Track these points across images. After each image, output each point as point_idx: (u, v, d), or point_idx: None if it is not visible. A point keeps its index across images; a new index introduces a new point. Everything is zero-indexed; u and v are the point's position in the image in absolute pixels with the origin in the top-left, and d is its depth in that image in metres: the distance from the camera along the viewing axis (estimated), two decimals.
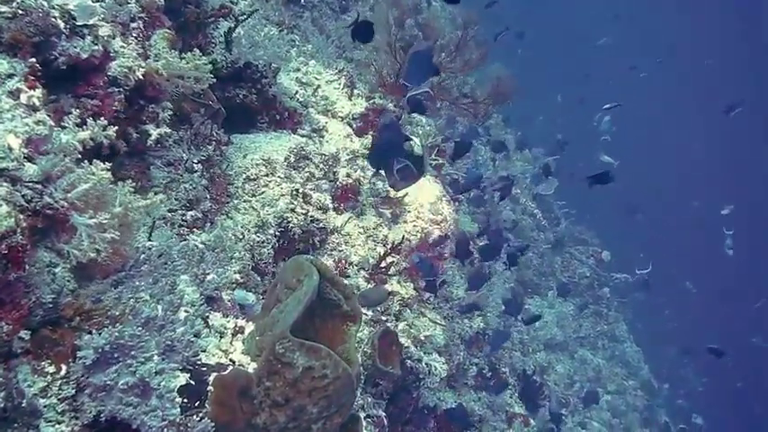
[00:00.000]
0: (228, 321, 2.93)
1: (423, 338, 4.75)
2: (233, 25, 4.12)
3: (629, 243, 20.01)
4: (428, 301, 5.49)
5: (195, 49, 3.39)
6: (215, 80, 3.92)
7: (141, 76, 3.03)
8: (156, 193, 3.38)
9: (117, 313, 2.42)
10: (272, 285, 2.97)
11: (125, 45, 3.00)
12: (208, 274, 3.06)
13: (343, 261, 4.38)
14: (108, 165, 2.53)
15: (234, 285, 3.58)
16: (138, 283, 2.63)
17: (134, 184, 2.47)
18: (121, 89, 2.95)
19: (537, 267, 12.25)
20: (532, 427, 7.35)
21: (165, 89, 3.25)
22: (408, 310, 4.89)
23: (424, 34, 7.91)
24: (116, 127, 2.56)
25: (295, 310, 2.61)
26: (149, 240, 2.92)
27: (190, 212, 3.53)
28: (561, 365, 11.85)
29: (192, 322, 2.64)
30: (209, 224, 3.65)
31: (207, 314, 2.87)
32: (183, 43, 4.02)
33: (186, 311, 2.72)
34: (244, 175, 4.11)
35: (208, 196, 3.70)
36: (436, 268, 4.91)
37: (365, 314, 4.24)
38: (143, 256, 2.73)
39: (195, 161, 3.65)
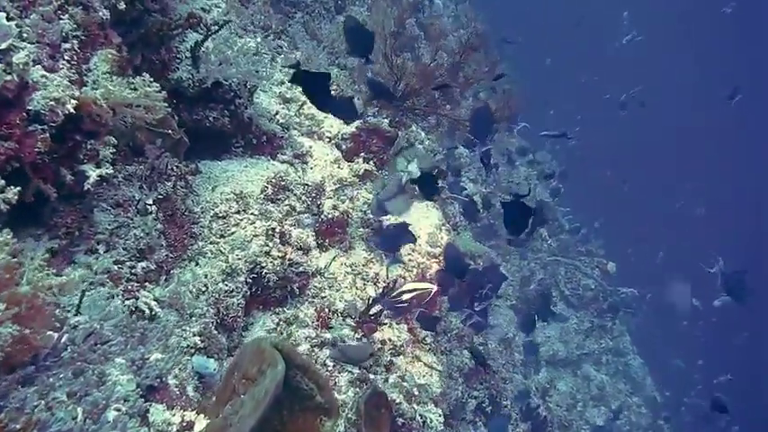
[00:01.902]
0: (174, 415, 2.38)
1: (416, 392, 4.20)
2: (201, 38, 3.56)
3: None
4: (424, 341, 4.95)
5: (145, 74, 2.83)
6: (172, 106, 3.41)
7: (73, 109, 2.48)
8: (98, 242, 2.87)
9: (18, 428, 1.88)
10: (228, 370, 2.42)
11: (52, 72, 2.45)
12: (152, 352, 2.50)
13: (327, 310, 3.82)
14: (8, 235, 1.99)
15: (192, 351, 3.03)
16: (53, 380, 2.08)
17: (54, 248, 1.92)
18: (46, 126, 2.40)
19: (541, 283, 11.73)
20: None
21: (107, 122, 2.69)
22: (401, 357, 4.34)
23: (426, 34, 7.35)
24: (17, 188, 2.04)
25: (252, 416, 2.06)
26: (78, 314, 2.37)
27: (140, 264, 2.98)
28: (563, 383, 11.36)
29: (123, 425, 2.10)
30: (164, 277, 3.10)
31: (146, 409, 2.32)
32: (143, 60, 3.47)
33: (117, 410, 2.18)
34: (212, 212, 3.55)
35: (164, 243, 3.14)
36: (434, 317, 4.37)
37: (350, 372, 3.69)
38: (64, 340, 2.18)
39: (149, 201, 3.09)
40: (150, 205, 3.10)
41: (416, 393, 4.19)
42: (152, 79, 2.84)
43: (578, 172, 14.34)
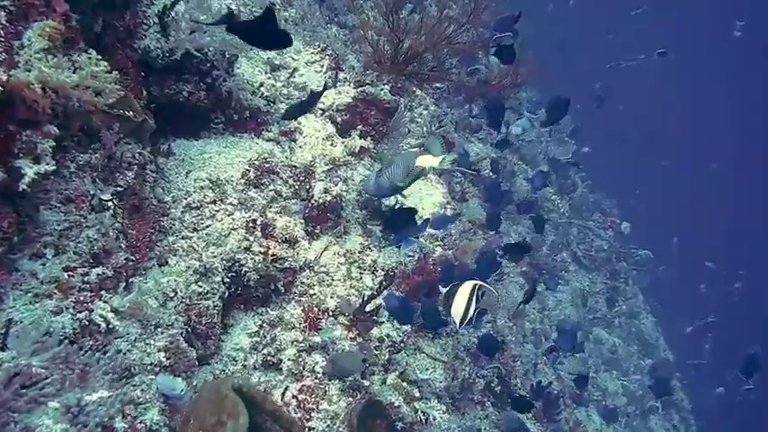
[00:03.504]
0: None
1: (416, 393, 3.83)
2: (170, 2, 3.09)
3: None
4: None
5: (91, 51, 2.38)
6: (140, 78, 2.97)
7: (1, 95, 2.05)
8: (45, 246, 2.47)
9: None
10: (183, 419, 2.03)
11: None
12: (96, 390, 2.11)
13: (316, 309, 3.42)
14: None
15: (156, 369, 2.65)
16: None
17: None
18: None
19: (552, 245, 11.30)
20: None
21: (46, 109, 2.26)
22: (402, 352, 3.97)
23: None
24: None
25: None
26: (2, 349, 1.97)
27: (95, 270, 2.58)
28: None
29: None
30: (123, 284, 2.70)
31: None
32: (105, 26, 3.01)
33: None
34: (184, 202, 3.13)
35: (123, 244, 2.73)
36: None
37: (336, 383, 3.31)
38: None
39: (106, 196, 2.68)
40: (107, 200, 2.69)
41: (417, 395, 3.82)
42: (99, 57, 2.39)
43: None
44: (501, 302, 7.44)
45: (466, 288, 3.04)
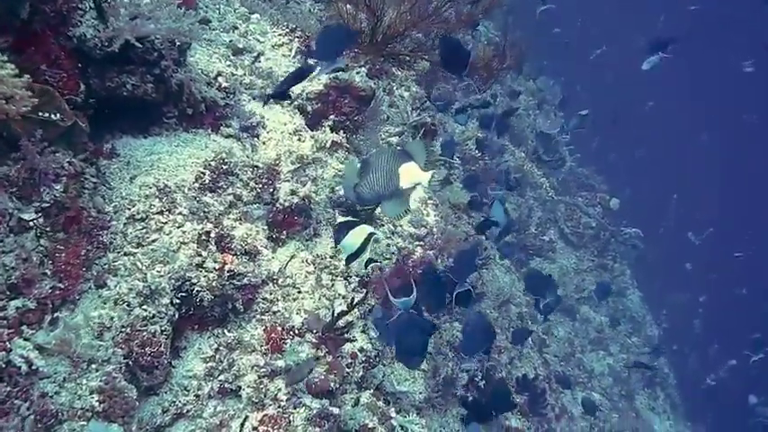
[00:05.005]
0: None
1: (392, 413, 3.51)
2: None
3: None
4: None
5: None
6: (78, 70, 2.58)
7: None
8: None
9: None
10: None
11: None
12: None
13: (279, 329, 3.06)
14: None
15: (89, 414, 2.31)
16: None
17: None
18: None
19: (539, 224, 11.02)
20: None
21: None
22: (376, 368, 3.65)
23: None
24: None
25: None
26: None
27: (13, 303, 2.22)
28: (561, 327, 10.82)
29: None
30: (49, 316, 2.34)
31: None
32: (34, 11, 2.60)
33: None
34: (127, 213, 2.76)
35: (50, 270, 2.37)
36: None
37: (308, 406, 2.98)
38: None
39: (28, 215, 2.31)
40: (29, 220, 2.32)
41: (393, 415, 3.50)
42: (5, 58, 2.01)
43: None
44: (488, 288, 7.14)
45: (362, 231, 2.87)
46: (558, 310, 10.85)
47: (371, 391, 3.49)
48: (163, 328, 2.68)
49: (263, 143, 3.39)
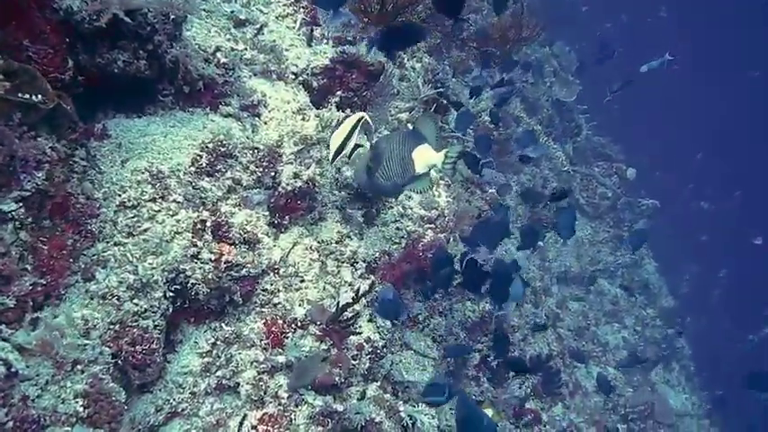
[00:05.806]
0: None
1: (401, 408, 3.36)
2: None
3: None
4: (416, 319, 4.11)
5: None
6: (66, 45, 2.40)
7: None
8: None
9: None
10: None
11: None
12: None
13: (280, 322, 2.90)
14: None
15: (73, 419, 2.16)
16: None
17: None
18: None
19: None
20: (543, 425, 6.11)
21: None
22: (384, 357, 3.49)
23: None
24: None
25: None
26: None
27: None
28: (576, 302, 10.66)
29: None
30: (29, 315, 2.18)
31: None
32: None
33: None
34: (117, 200, 2.59)
35: (30, 265, 2.20)
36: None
37: (311, 404, 2.83)
38: None
39: (7, 206, 2.14)
40: (9, 211, 2.15)
41: (401, 408, 3.35)
42: None
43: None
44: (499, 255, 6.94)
45: (351, 119, 2.75)
46: (572, 282, 10.70)
47: (378, 383, 3.33)
48: (156, 323, 2.52)
49: (265, 123, 3.19)
